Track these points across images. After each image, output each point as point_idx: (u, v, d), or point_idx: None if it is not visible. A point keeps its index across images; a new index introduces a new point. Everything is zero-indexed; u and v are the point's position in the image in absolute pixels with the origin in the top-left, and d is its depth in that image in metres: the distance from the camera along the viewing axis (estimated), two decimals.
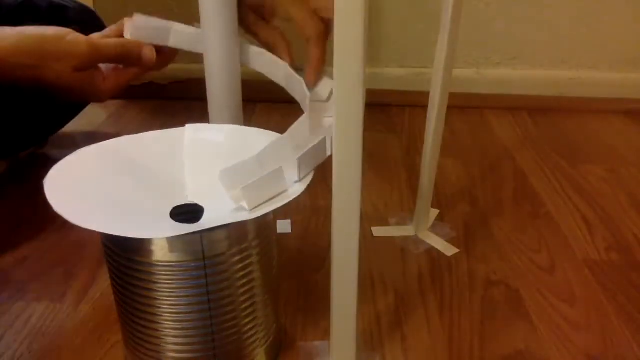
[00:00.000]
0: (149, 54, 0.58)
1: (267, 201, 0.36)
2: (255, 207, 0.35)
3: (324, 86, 0.50)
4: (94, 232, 0.32)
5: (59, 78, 0.56)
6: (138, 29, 0.57)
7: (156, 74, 1.01)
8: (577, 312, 0.51)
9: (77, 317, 0.50)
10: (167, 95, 1.02)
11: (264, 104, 0.95)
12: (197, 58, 0.54)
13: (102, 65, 0.60)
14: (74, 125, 0.81)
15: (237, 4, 0.51)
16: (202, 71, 0.54)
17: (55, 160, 0.39)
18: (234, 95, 0.54)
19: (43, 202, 0.34)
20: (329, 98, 0.48)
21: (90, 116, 0.85)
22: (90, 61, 0.57)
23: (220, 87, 0.53)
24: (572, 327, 0.49)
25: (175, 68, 1.01)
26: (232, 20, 0.51)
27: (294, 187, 0.37)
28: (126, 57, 0.58)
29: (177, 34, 0.56)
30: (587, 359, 0.46)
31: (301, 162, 0.37)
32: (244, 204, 0.35)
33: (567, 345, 0.47)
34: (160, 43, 0.57)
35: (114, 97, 0.63)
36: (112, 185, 0.40)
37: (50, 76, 0.55)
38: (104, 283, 0.54)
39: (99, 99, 0.61)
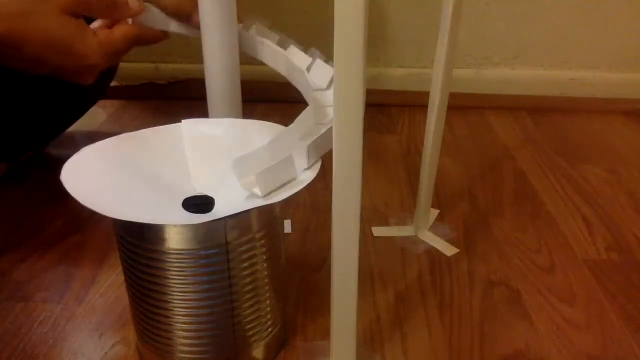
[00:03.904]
0: (136, 3, 0.55)
1: (278, 188, 0.37)
2: (267, 194, 0.36)
3: (323, 74, 0.50)
4: (93, 232, 0.32)
5: (46, 28, 0.49)
6: (144, 15, 0.57)
7: (156, 74, 1.01)
8: (577, 312, 0.51)
9: (77, 317, 0.50)
10: (167, 95, 1.02)
11: (264, 105, 0.95)
12: (197, 58, 0.54)
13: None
14: (74, 125, 0.81)
15: None
16: (202, 71, 0.54)
17: (55, 161, 0.39)
18: (233, 86, 0.54)
19: (43, 202, 0.34)
20: (329, 86, 0.48)
21: (90, 116, 0.85)
22: (77, 2, 0.51)
23: (219, 76, 0.53)
24: (572, 327, 0.49)
25: (175, 68, 1.01)
26: (230, 6, 0.51)
27: (304, 175, 0.38)
28: (112, 5, 0.54)
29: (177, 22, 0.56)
30: (587, 359, 0.46)
31: (310, 149, 0.38)
32: (257, 191, 0.36)
33: (567, 345, 0.47)
34: (162, 29, 0.57)
35: (107, 98, 0.61)
36: (120, 181, 0.40)
37: (38, 24, 0.49)
38: (104, 283, 0.54)
39: (90, 61, 0.53)
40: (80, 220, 0.62)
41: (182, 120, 0.46)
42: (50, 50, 0.50)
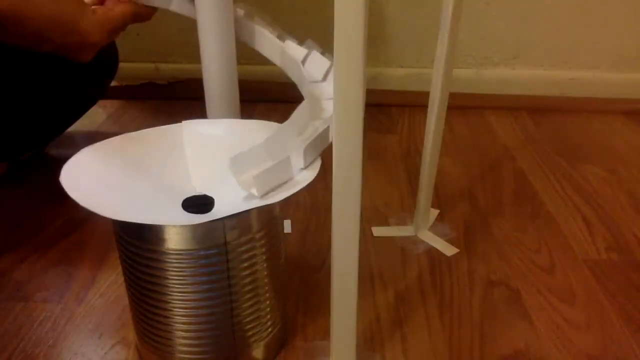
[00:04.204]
0: None
1: (274, 188, 0.37)
2: (264, 194, 0.36)
3: (319, 66, 0.50)
4: (93, 232, 0.32)
5: (47, 5, 0.50)
6: None
7: (156, 74, 1.01)
8: (577, 312, 0.51)
9: (77, 317, 0.50)
10: (167, 95, 1.02)
11: (264, 104, 0.95)
12: (197, 58, 0.54)
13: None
14: (74, 125, 0.81)
15: None
16: (202, 71, 0.54)
17: (55, 161, 0.39)
18: (230, 85, 0.54)
19: (43, 202, 0.34)
20: (324, 78, 0.48)
21: (90, 116, 0.85)
22: None
23: (216, 75, 0.53)
24: (572, 327, 0.49)
25: (175, 68, 1.01)
26: (226, 6, 0.51)
27: (302, 174, 0.38)
28: None
29: (179, 0, 0.57)
30: (587, 359, 0.46)
31: (307, 150, 0.38)
32: (254, 191, 0.36)
33: (567, 345, 0.47)
34: (162, 7, 0.57)
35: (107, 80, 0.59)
36: (120, 181, 0.40)
37: (39, 1, 0.50)
38: (103, 283, 0.54)
39: (92, 39, 0.54)
40: (80, 220, 0.62)
41: (183, 121, 0.46)
42: (52, 28, 0.51)
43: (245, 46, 0.57)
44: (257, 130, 0.45)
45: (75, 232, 0.61)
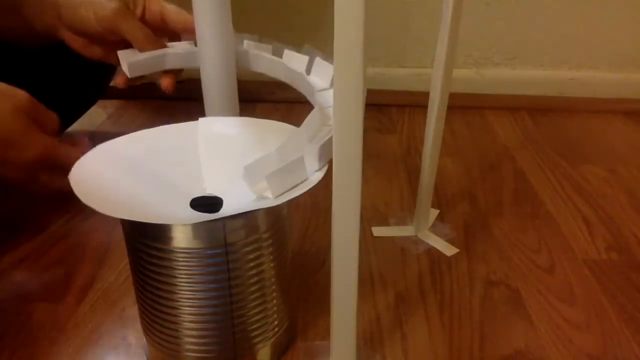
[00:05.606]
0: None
1: (288, 189, 0.37)
2: (279, 196, 0.36)
3: (324, 74, 0.50)
4: (93, 232, 0.32)
5: None
6: (133, 64, 0.57)
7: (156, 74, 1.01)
8: (577, 312, 0.51)
9: (77, 318, 0.50)
10: (167, 95, 1.02)
11: (264, 104, 0.95)
12: None
13: None
14: (74, 125, 0.81)
15: None
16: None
17: None
18: (229, 85, 0.54)
19: (43, 202, 0.34)
20: (331, 85, 0.48)
21: (90, 116, 0.85)
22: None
23: (216, 87, 0.53)
24: (572, 327, 0.49)
25: None
26: (226, 19, 0.51)
27: (312, 176, 0.38)
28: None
29: (172, 57, 0.57)
30: (587, 359, 0.46)
31: (321, 151, 0.38)
32: (268, 193, 0.36)
33: (567, 345, 0.47)
34: (158, 69, 0.58)
35: None
36: (131, 179, 0.40)
37: None
38: (104, 283, 0.54)
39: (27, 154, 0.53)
40: (80, 220, 0.62)
41: (200, 119, 0.46)
42: None
43: None
44: (272, 130, 0.45)
45: (75, 232, 0.61)
